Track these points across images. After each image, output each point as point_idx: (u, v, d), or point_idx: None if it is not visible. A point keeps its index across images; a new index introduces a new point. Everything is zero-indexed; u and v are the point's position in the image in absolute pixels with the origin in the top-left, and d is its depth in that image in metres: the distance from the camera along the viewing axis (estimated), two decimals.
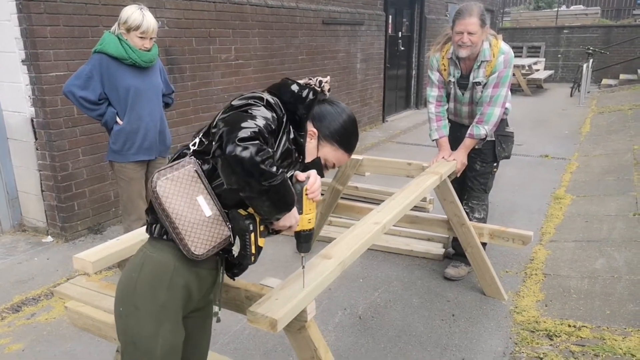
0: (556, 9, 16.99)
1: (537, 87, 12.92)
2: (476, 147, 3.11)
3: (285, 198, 1.31)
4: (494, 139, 3.12)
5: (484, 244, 3.17)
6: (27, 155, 3.94)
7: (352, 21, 7.63)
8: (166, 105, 3.29)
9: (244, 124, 1.25)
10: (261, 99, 1.38)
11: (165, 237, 1.39)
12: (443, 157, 3.09)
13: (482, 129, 2.97)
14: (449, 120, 3.26)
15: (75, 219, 3.98)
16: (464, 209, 3.08)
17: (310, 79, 1.54)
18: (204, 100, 5.02)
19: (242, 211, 1.37)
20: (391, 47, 9.21)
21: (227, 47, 5.24)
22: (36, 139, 3.83)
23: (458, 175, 3.03)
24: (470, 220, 3.05)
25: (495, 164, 3.23)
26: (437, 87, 3.16)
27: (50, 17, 3.60)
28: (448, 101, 3.21)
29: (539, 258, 3.62)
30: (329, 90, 1.55)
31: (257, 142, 1.22)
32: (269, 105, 1.37)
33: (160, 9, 4.35)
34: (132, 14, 2.86)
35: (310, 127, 1.51)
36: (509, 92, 3.08)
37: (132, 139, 3.04)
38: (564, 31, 15.08)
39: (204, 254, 1.34)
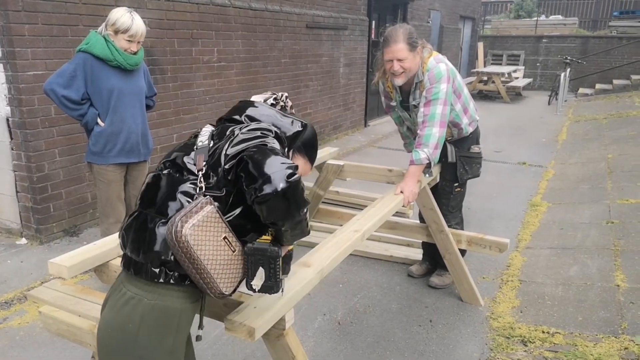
0: (536, 19, 17.35)
1: (516, 94, 13.17)
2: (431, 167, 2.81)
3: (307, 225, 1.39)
4: (454, 161, 2.99)
5: (463, 251, 3.21)
6: (2, 155, 3.85)
7: (335, 26, 7.67)
8: (147, 107, 3.26)
9: (281, 159, 1.28)
10: (269, 130, 1.42)
11: (168, 280, 1.33)
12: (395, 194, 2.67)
13: (421, 153, 2.68)
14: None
15: (51, 220, 3.91)
16: None
17: (275, 94, 1.58)
18: (186, 102, 4.98)
19: (265, 238, 1.37)
20: (374, 52, 9.27)
21: (210, 49, 5.21)
22: (12, 138, 3.75)
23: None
24: None
25: (456, 185, 3.08)
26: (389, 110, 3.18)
27: (29, 15, 3.54)
28: (403, 122, 3.18)
29: (515, 265, 3.69)
30: (291, 107, 1.61)
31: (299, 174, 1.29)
32: (277, 137, 1.42)
33: (142, 9, 4.31)
34: (122, 16, 2.83)
35: None
36: (471, 107, 2.95)
37: (114, 141, 3.00)
38: (543, 40, 15.41)
39: (232, 291, 1.35)
